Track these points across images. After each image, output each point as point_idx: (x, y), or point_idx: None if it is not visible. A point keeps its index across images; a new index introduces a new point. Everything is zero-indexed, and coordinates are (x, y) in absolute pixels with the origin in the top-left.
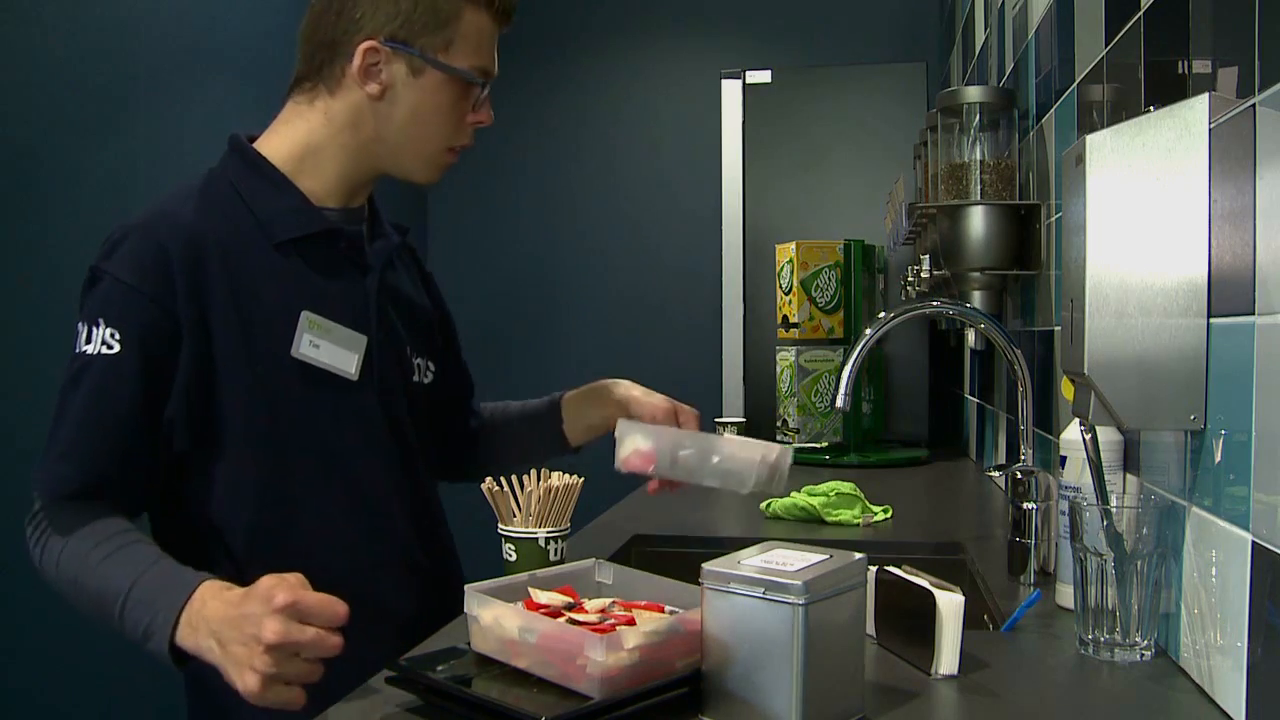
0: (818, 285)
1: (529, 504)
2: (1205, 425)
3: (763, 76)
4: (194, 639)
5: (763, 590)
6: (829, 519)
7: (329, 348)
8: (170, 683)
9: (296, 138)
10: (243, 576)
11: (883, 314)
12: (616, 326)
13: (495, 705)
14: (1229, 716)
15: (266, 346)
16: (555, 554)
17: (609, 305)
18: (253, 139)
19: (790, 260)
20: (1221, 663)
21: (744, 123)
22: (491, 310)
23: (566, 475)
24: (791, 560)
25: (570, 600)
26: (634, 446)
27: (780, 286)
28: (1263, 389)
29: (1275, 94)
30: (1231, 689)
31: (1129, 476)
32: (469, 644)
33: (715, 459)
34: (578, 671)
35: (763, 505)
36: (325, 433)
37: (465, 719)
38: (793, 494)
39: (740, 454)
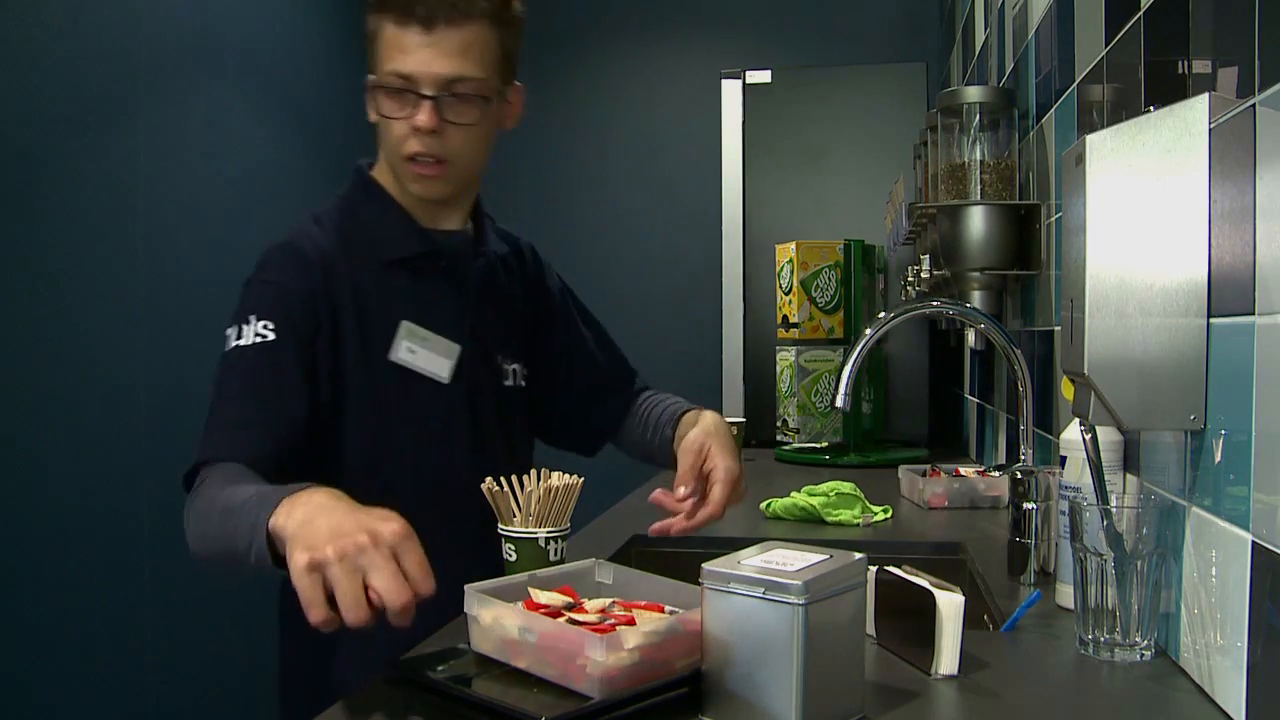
0: (818, 285)
1: (529, 504)
2: (1205, 425)
3: (763, 76)
4: (284, 516)
5: (763, 590)
6: (829, 519)
7: (425, 354)
8: (169, 682)
9: (383, 167)
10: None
11: (883, 314)
12: (616, 326)
13: (495, 705)
14: (1229, 716)
15: (374, 350)
16: (555, 554)
17: (609, 305)
18: (372, 165)
19: (790, 260)
20: (1221, 663)
21: (744, 123)
22: None
23: (566, 475)
24: (791, 560)
25: (570, 600)
26: None
27: (780, 286)
28: (1263, 389)
29: (1275, 94)
30: (1231, 689)
31: (1129, 476)
32: (469, 644)
33: None
34: (578, 671)
35: (763, 505)
36: (417, 427)
37: (465, 719)
38: (793, 494)
39: None
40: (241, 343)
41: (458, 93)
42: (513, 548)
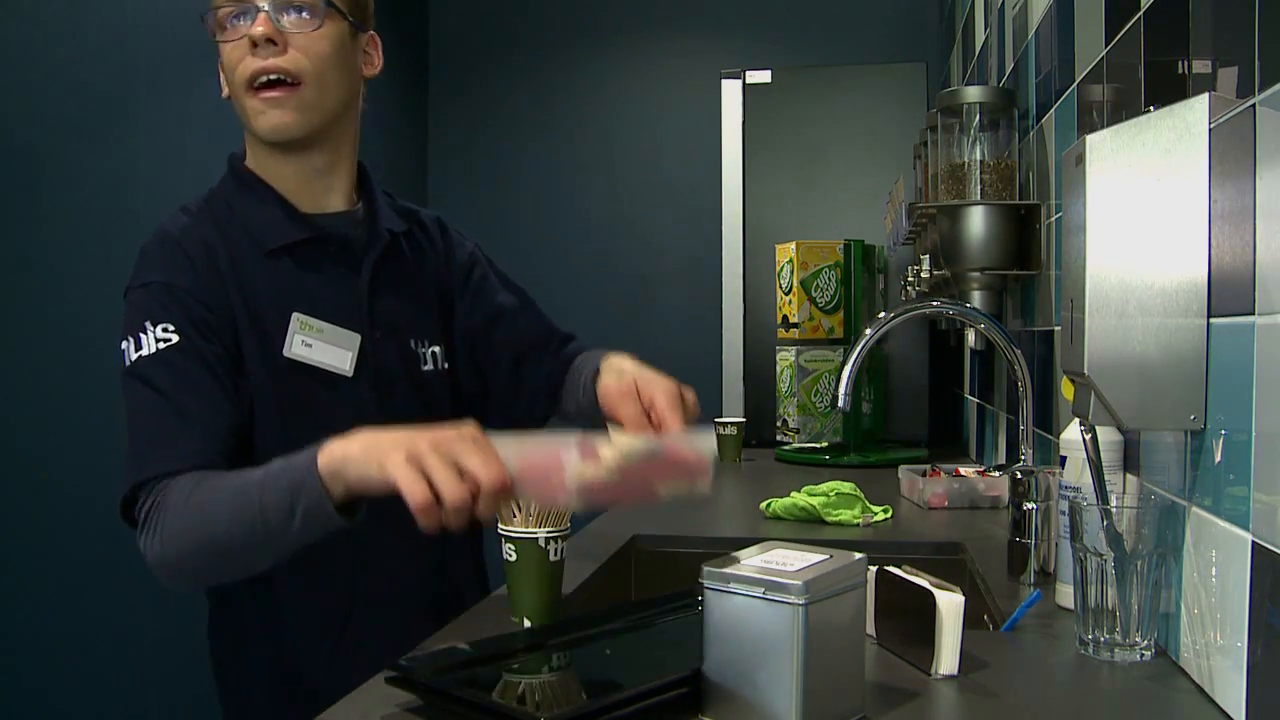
0: (818, 285)
1: (529, 504)
2: (1205, 425)
3: (763, 76)
4: (335, 454)
5: (763, 590)
6: (829, 519)
7: (321, 346)
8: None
9: (248, 147)
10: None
11: (883, 314)
12: (616, 326)
13: (495, 705)
14: (1229, 716)
15: (270, 347)
16: (555, 554)
17: (609, 305)
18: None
19: (790, 260)
20: (1221, 663)
21: (744, 123)
22: None
23: None
24: (791, 560)
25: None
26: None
27: (780, 286)
28: (1263, 389)
29: (1275, 94)
30: (1231, 689)
31: (1129, 476)
32: (469, 644)
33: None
34: (558, 488)
35: (763, 505)
36: (323, 426)
37: (465, 719)
38: (793, 494)
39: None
40: (144, 353)
41: (295, 3)
42: (513, 548)
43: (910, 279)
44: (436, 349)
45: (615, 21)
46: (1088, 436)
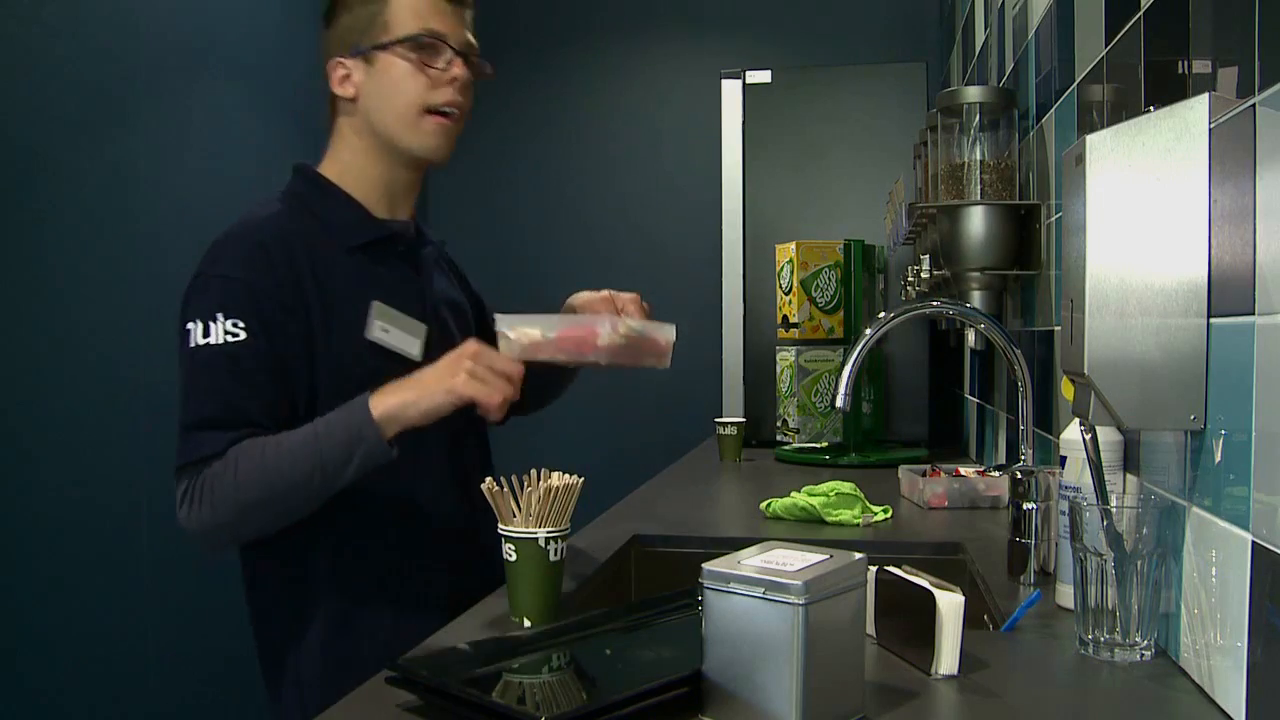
0: (818, 285)
1: (529, 504)
2: (1205, 425)
3: (763, 76)
4: (389, 403)
5: (763, 590)
6: (829, 519)
7: (397, 333)
8: (169, 682)
9: (340, 159)
10: (332, 519)
11: (883, 314)
12: None
13: (495, 705)
14: (1229, 716)
15: (345, 331)
16: (555, 554)
17: None
18: (312, 165)
19: (790, 260)
20: (1221, 663)
21: (744, 123)
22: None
23: (566, 475)
24: (791, 560)
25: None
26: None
27: (780, 286)
28: (1263, 389)
29: (1275, 94)
30: (1231, 689)
31: (1129, 476)
32: (469, 644)
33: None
34: (590, 347)
35: (763, 505)
36: None
37: (465, 719)
38: (793, 494)
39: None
40: (211, 341)
41: (472, 61)
42: (513, 548)
43: (910, 279)
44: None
45: (615, 21)
46: (1088, 436)
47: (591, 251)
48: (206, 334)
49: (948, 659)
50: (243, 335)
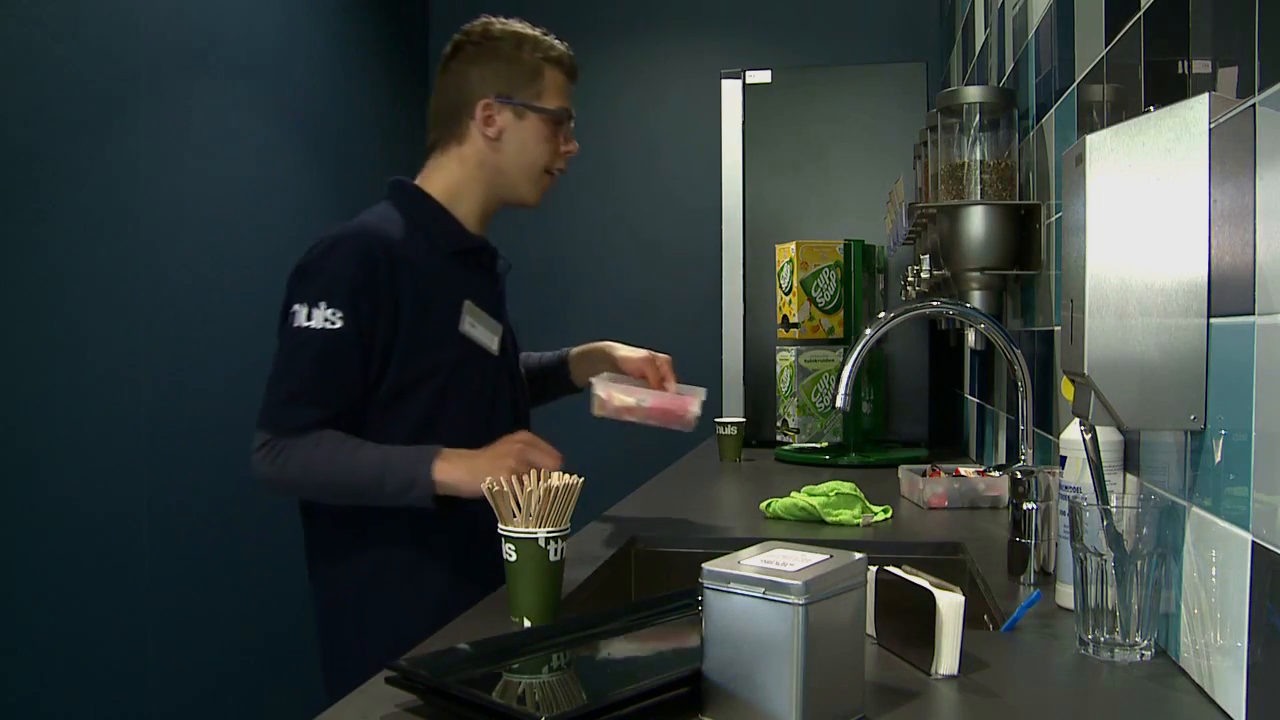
0: (818, 285)
1: (529, 504)
2: (1205, 425)
3: (763, 76)
4: (449, 473)
5: (763, 590)
6: (829, 519)
7: (481, 329)
8: (169, 682)
9: (446, 180)
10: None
11: (883, 314)
12: (616, 326)
13: (495, 705)
14: (1229, 716)
15: (440, 326)
16: (555, 554)
17: (609, 305)
18: (408, 181)
19: (790, 260)
20: (1221, 663)
21: (744, 123)
22: None
23: (566, 475)
24: (791, 560)
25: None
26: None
27: (780, 286)
28: (1263, 389)
29: (1275, 94)
30: (1231, 689)
31: (1129, 476)
32: (469, 644)
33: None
34: (677, 419)
35: (763, 505)
36: (474, 391)
37: (465, 719)
38: (793, 494)
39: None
40: (311, 325)
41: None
42: (513, 548)
43: (910, 279)
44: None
45: (615, 21)
46: (1088, 436)
47: (591, 251)
48: (309, 318)
49: (948, 659)
50: (339, 325)
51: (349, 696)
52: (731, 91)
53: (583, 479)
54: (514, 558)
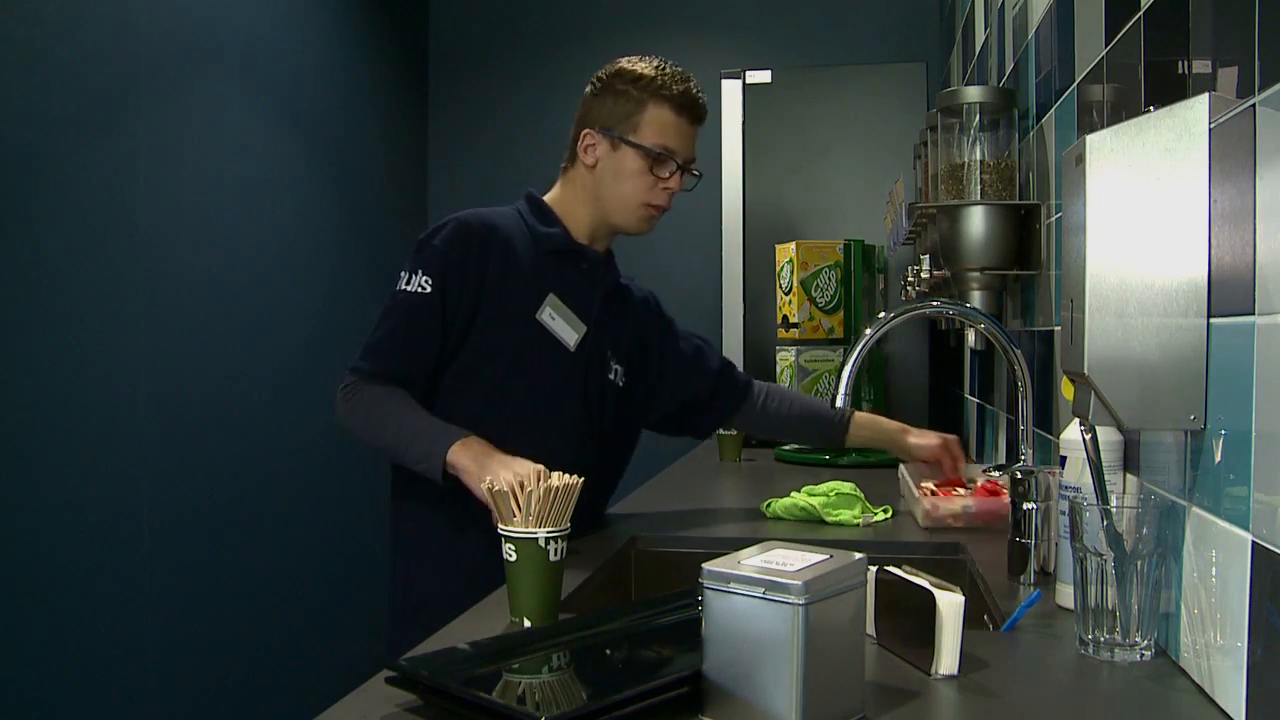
0: (818, 285)
1: (529, 504)
2: (1205, 425)
3: (763, 76)
4: (460, 458)
5: (763, 590)
6: (829, 519)
7: (560, 322)
8: (169, 682)
9: (558, 195)
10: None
11: (883, 314)
12: None
13: (495, 705)
14: (1229, 716)
15: (520, 311)
16: (555, 554)
17: None
18: (537, 193)
19: (790, 260)
20: (1221, 663)
21: (744, 123)
22: None
23: (566, 476)
24: (791, 560)
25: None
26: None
27: (780, 286)
28: (1263, 389)
29: (1275, 94)
30: (1231, 689)
31: (1129, 476)
32: (469, 644)
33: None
34: (998, 519)
35: (763, 505)
36: (541, 377)
37: (465, 719)
38: (793, 494)
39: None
40: (408, 288)
41: (689, 172)
42: (513, 548)
43: (910, 279)
44: (619, 368)
45: (615, 21)
46: (1088, 436)
47: None
48: (407, 283)
49: (948, 659)
50: (428, 290)
51: (349, 696)
52: (731, 91)
53: (583, 479)
54: (514, 558)
